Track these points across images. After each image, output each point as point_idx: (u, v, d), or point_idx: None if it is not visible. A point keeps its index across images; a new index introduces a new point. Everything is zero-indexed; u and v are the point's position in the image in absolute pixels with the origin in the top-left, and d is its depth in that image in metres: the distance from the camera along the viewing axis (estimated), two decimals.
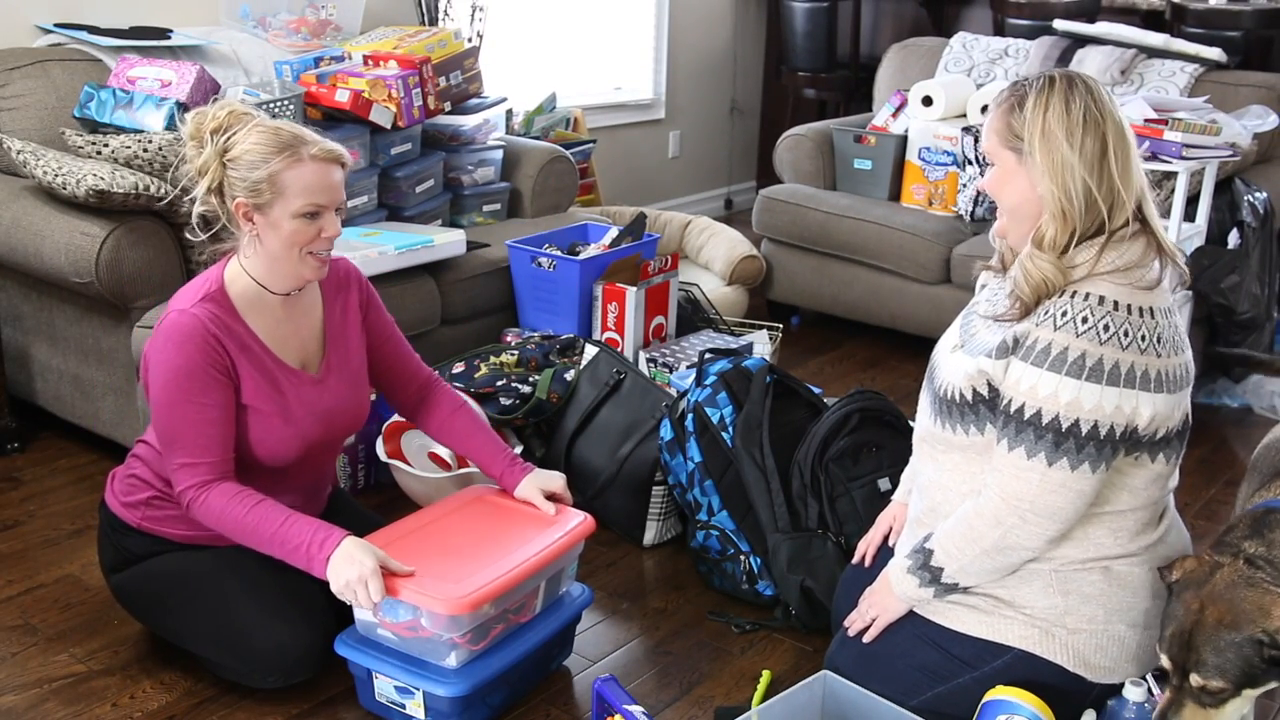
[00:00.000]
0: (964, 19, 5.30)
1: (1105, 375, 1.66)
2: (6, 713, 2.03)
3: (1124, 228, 1.72)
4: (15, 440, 3.00)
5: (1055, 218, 1.71)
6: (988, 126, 1.79)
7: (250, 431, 1.99)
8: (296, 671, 2.04)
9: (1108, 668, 1.80)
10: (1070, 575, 1.79)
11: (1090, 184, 1.70)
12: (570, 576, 2.16)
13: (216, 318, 1.93)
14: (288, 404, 2.01)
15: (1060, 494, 1.71)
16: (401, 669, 1.94)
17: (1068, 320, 1.68)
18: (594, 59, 5.11)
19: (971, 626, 1.83)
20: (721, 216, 5.50)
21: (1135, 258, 1.71)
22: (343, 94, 3.14)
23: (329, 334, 2.11)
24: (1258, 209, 3.38)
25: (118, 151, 2.72)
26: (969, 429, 1.80)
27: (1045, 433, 1.69)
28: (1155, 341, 1.69)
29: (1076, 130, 1.70)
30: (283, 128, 1.93)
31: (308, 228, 1.93)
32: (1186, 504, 2.89)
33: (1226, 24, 4.31)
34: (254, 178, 1.89)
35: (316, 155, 1.92)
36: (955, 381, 1.80)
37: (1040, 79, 1.75)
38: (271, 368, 2.00)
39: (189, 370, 1.89)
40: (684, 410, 2.50)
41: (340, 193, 1.97)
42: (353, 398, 2.14)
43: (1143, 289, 1.70)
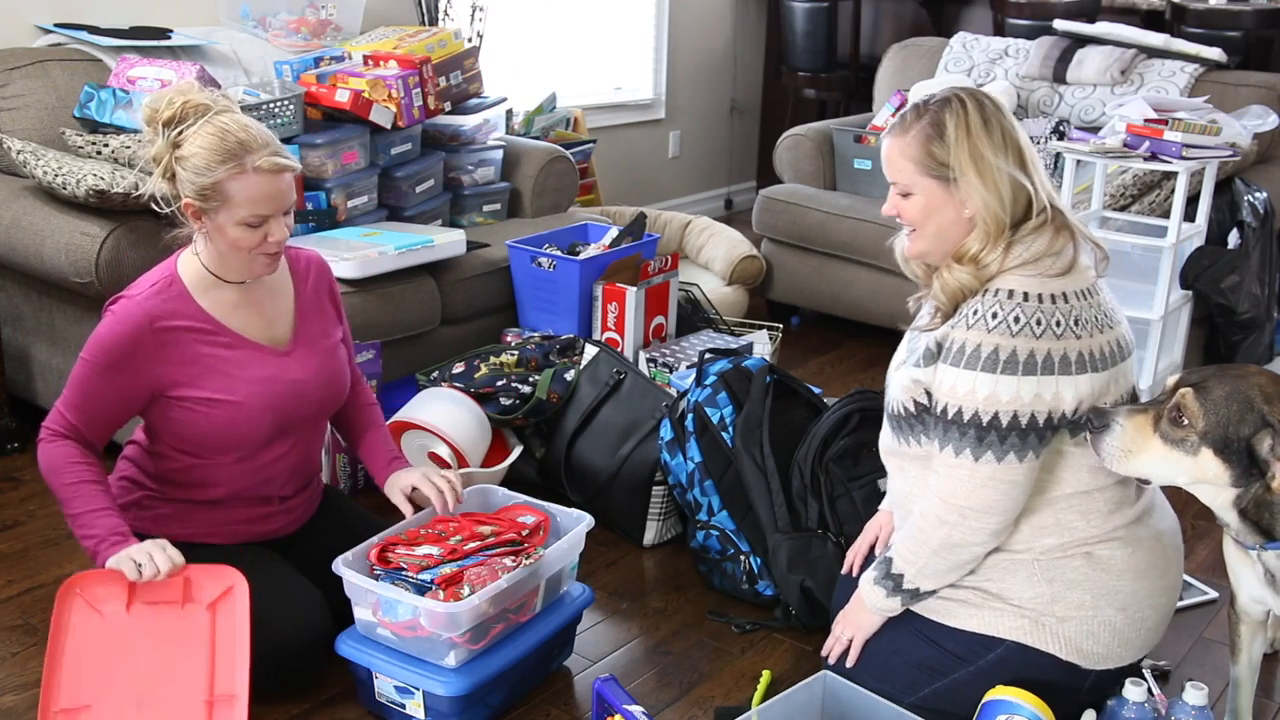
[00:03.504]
0: (964, 19, 5.30)
1: (1020, 366, 1.70)
2: (6, 713, 2.03)
3: (1028, 220, 1.76)
4: (15, 440, 3.00)
5: (988, 233, 1.75)
6: (899, 156, 1.81)
7: (212, 417, 1.98)
8: (295, 673, 2.04)
9: (1101, 654, 1.81)
10: (1052, 563, 1.81)
11: (1019, 186, 1.75)
12: (570, 576, 2.17)
13: (163, 304, 1.95)
14: (247, 378, 2.00)
15: (991, 487, 1.74)
16: (401, 668, 1.94)
17: (979, 318, 1.73)
18: (594, 59, 5.11)
19: (963, 620, 1.84)
20: (721, 216, 5.50)
21: (1042, 247, 1.75)
22: (343, 94, 3.14)
23: (299, 309, 2.12)
24: (1258, 209, 3.38)
25: (118, 151, 2.72)
26: (920, 439, 1.84)
27: (968, 429, 1.73)
28: (1073, 324, 1.72)
29: (1000, 148, 1.75)
30: (230, 130, 1.89)
31: (252, 235, 1.93)
32: (1186, 504, 2.88)
33: (1226, 24, 4.31)
34: (200, 183, 1.88)
35: (261, 167, 1.89)
36: (899, 396, 1.86)
37: (942, 103, 1.78)
38: (224, 345, 2.00)
39: (109, 348, 1.93)
40: (684, 410, 2.50)
41: (288, 198, 1.95)
42: (325, 370, 2.13)
43: (1054, 276, 1.74)
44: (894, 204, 1.86)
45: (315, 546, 2.14)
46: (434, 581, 1.91)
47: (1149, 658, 2.24)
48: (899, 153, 1.81)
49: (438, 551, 1.98)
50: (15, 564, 2.50)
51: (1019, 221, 1.77)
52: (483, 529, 2.07)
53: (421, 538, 2.04)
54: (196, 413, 1.98)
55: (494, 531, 2.07)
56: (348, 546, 2.03)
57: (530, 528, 2.11)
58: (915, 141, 1.78)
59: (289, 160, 1.94)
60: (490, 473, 2.70)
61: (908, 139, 1.79)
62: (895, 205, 1.85)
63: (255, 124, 1.94)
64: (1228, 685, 2.21)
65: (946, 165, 1.76)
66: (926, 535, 1.81)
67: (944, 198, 1.78)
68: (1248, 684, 1.97)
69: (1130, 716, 1.79)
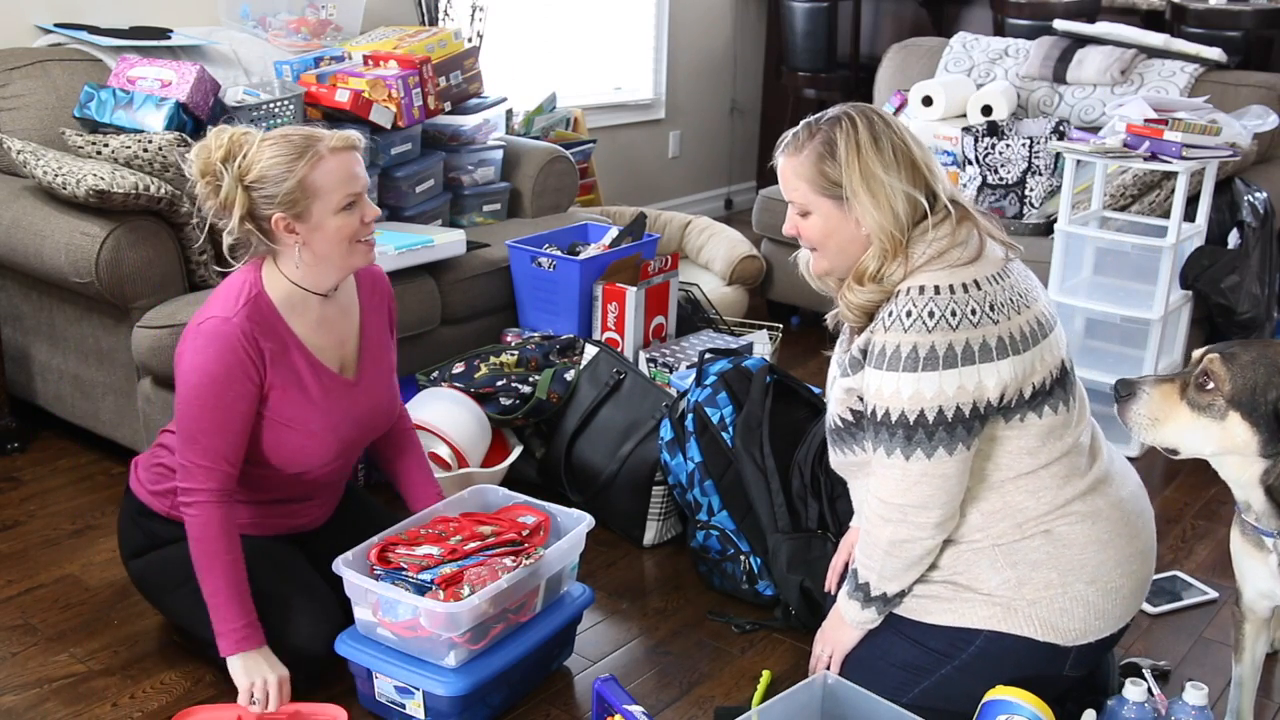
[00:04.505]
0: (964, 19, 5.30)
1: (940, 361, 1.70)
2: (6, 713, 2.03)
3: (925, 220, 1.77)
4: (15, 440, 3.00)
5: (884, 250, 1.76)
6: (794, 175, 1.81)
7: (289, 444, 2.01)
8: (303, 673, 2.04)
9: (1078, 629, 1.81)
10: (1012, 547, 1.81)
11: (914, 201, 1.76)
12: (571, 576, 2.17)
13: (256, 323, 1.94)
14: (325, 409, 2.03)
15: (925, 483, 1.75)
16: (401, 668, 1.94)
17: (894, 319, 1.74)
18: (594, 59, 5.11)
19: (938, 616, 1.85)
20: (721, 216, 5.50)
21: (945, 242, 1.76)
22: (343, 94, 3.14)
23: (365, 333, 2.14)
24: (1258, 209, 3.38)
25: (118, 151, 2.72)
26: (856, 449, 1.87)
27: (896, 429, 1.74)
28: (988, 310, 1.72)
29: (892, 163, 1.76)
30: (289, 135, 1.92)
31: (351, 218, 1.94)
32: (1186, 504, 2.89)
33: (1226, 24, 4.31)
34: (284, 189, 1.88)
35: (335, 148, 1.92)
36: (835, 410, 1.88)
37: (833, 122, 1.79)
38: (309, 371, 2.01)
39: (220, 377, 1.90)
40: (684, 410, 2.50)
41: (365, 177, 1.98)
42: (386, 398, 2.17)
43: (962, 265, 1.75)
44: (793, 223, 1.86)
45: (334, 540, 2.15)
46: (434, 581, 1.91)
47: (1149, 657, 2.24)
48: (793, 172, 1.82)
49: (438, 551, 1.98)
50: (15, 564, 2.50)
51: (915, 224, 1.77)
52: (483, 529, 2.07)
53: (422, 538, 2.04)
54: (270, 432, 2.00)
55: (494, 531, 2.07)
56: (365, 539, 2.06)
57: (530, 528, 2.11)
58: (808, 161, 1.79)
59: (355, 135, 1.97)
60: (490, 473, 2.70)
61: (801, 159, 1.80)
62: (795, 225, 1.86)
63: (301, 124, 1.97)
64: (1228, 685, 2.21)
65: (839, 184, 1.76)
66: (875, 537, 1.83)
67: (840, 216, 1.79)
68: (1250, 684, 1.96)
69: (1130, 716, 1.79)
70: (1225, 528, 2.21)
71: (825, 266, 1.87)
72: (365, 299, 2.15)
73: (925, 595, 1.87)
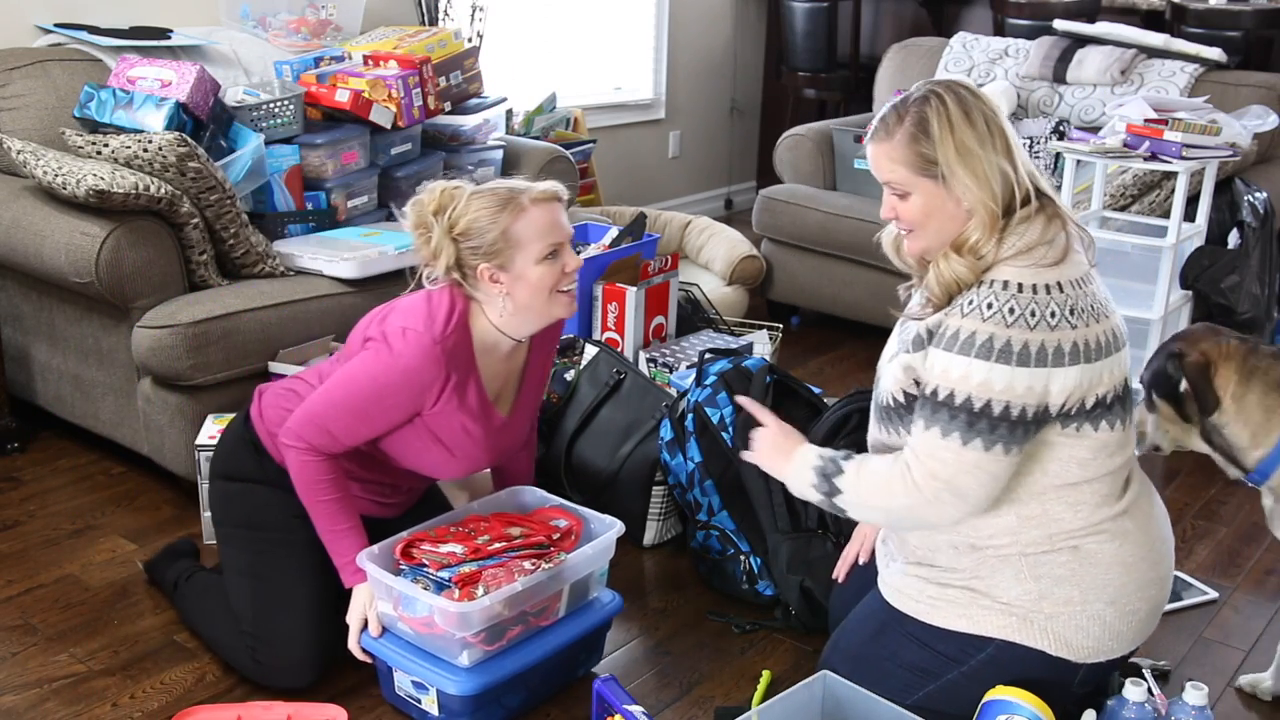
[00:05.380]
0: (964, 19, 5.30)
1: (1014, 356, 1.69)
2: (6, 713, 2.03)
3: (1018, 211, 1.75)
4: (15, 440, 3.00)
5: (985, 225, 1.74)
6: (887, 159, 1.79)
7: (428, 456, 2.06)
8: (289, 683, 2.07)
9: (1091, 647, 1.80)
10: (1039, 559, 1.80)
11: (1007, 177, 1.74)
12: (600, 583, 2.15)
13: (456, 353, 1.98)
14: (475, 440, 2.07)
15: (973, 475, 1.73)
16: (418, 664, 1.96)
17: (974, 307, 1.72)
18: (594, 59, 5.11)
19: (952, 621, 1.84)
20: (721, 216, 5.50)
21: (1035, 237, 1.74)
22: (343, 94, 3.14)
23: (528, 371, 2.18)
24: (1258, 209, 3.38)
25: (118, 151, 2.72)
26: (909, 430, 1.82)
27: (959, 413, 1.71)
28: (1068, 314, 1.71)
29: (985, 138, 1.74)
30: (495, 189, 1.97)
31: (553, 269, 1.98)
32: (1186, 504, 2.89)
33: (1226, 24, 4.31)
34: (489, 240, 1.94)
35: (537, 199, 1.96)
36: (889, 388, 1.85)
37: (922, 101, 1.77)
38: (479, 407, 2.05)
39: (391, 388, 1.95)
40: (684, 410, 2.50)
41: (569, 226, 2.01)
42: (521, 437, 2.23)
43: (1047, 265, 1.73)
44: (891, 206, 1.84)
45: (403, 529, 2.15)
46: (452, 580, 1.91)
47: (1149, 657, 2.24)
48: (887, 157, 1.80)
49: (461, 550, 1.98)
50: (15, 564, 2.50)
51: (1009, 210, 1.76)
52: (512, 530, 2.07)
53: (450, 535, 2.04)
54: (416, 438, 2.04)
55: (523, 533, 2.06)
56: None
57: (562, 531, 2.11)
58: (901, 144, 1.77)
59: (558, 187, 2.00)
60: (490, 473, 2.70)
61: (894, 143, 1.78)
62: (893, 207, 1.84)
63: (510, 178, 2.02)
64: (1228, 685, 2.22)
65: (936, 163, 1.75)
66: (893, 494, 1.79)
67: (940, 195, 1.77)
68: None
69: (1130, 716, 1.79)
70: (1225, 528, 2.22)
71: (922, 246, 1.83)
72: (536, 338, 2.17)
73: (940, 598, 1.85)
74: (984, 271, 1.74)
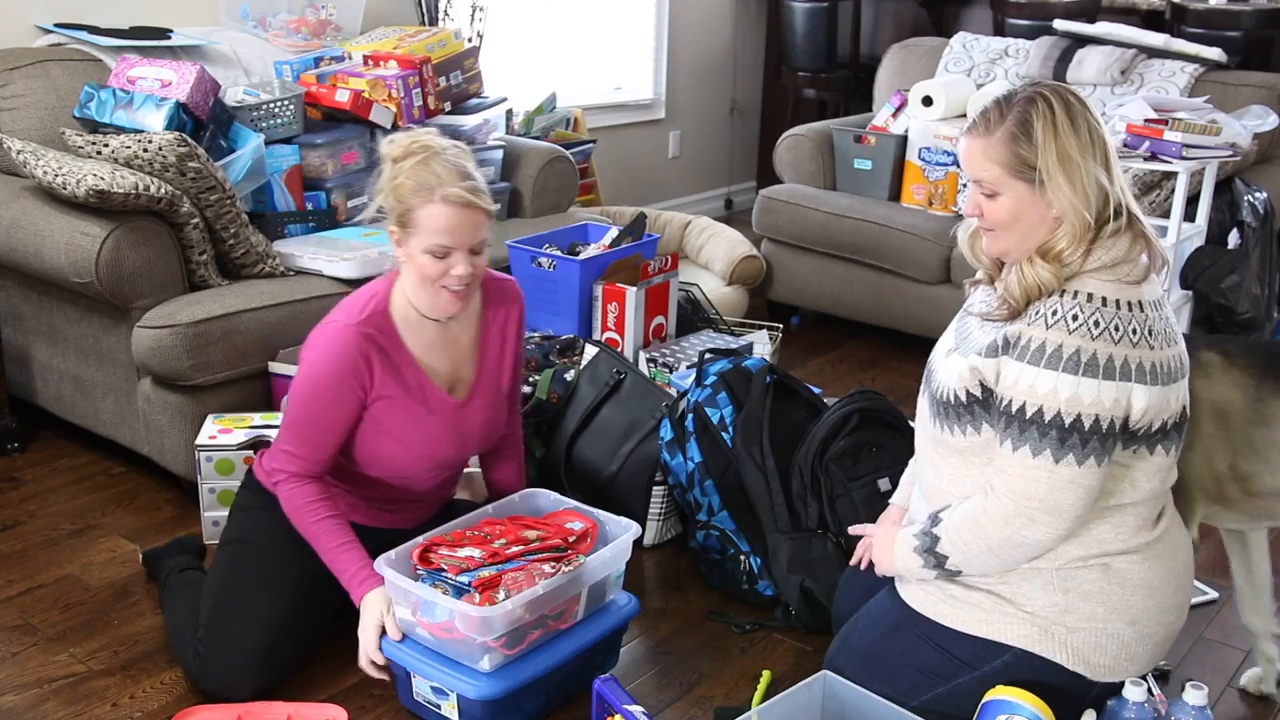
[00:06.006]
0: (964, 19, 5.30)
1: (1100, 369, 1.67)
2: (6, 713, 2.03)
3: (1109, 224, 1.73)
4: (15, 440, 3.00)
5: (1075, 234, 1.71)
6: (983, 158, 1.75)
7: (383, 452, 2.09)
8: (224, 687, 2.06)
9: (1108, 666, 1.80)
10: (1071, 573, 1.79)
11: (1104, 190, 1.71)
12: (616, 585, 2.14)
13: (374, 337, 2.03)
14: (425, 426, 2.09)
15: (1069, 490, 1.71)
16: (437, 669, 1.94)
17: (1059, 318, 1.69)
18: (594, 59, 5.11)
19: (972, 625, 1.83)
20: (721, 216, 5.50)
21: (1122, 253, 1.72)
22: (343, 94, 3.14)
23: (482, 353, 2.18)
24: (1258, 209, 3.38)
25: (118, 151, 2.72)
26: (966, 430, 1.80)
27: (1049, 430, 1.69)
28: (1147, 334, 1.70)
29: (1088, 148, 1.71)
30: (434, 166, 1.98)
31: (436, 265, 1.99)
32: None
33: (1226, 24, 4.31)
34: (398, 209, 1.99)
35: (448, 197, 1.97)
36: (950, 384, 1.81)
37: (1028, 102, 1.73)
38: (417, 388, 2.08)
39: (329, 381, 2.02)
40: (684, 410, 2.50)
41: (474, 235, 2.00)
42: (492, 418, 2.22)
43: (1130, 283, 1.72)
44: (976, 204, 1.79)
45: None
46: (471, 584, 1.90)
47: None
48: (982, 154, 1.75)
49: (479, 554, 1.97)
50: (15, 564, 2.50)
51: (1100, 222, 1.73)
52: (528, 533, 2.06)
53: (467, 540, 2.03)
54: (370, 435, 2.08)
55: (540, 537, 2.06)
56: None
57: (578, 534, 2.10)
58: (1000, 143, 1.73)
59: (478, 199, 1.99)
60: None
61: (992, 140, 1.74)
62: (978, 205, 1.79)
63: (465, 167, 2.01)
64: (1228, 685, 2.22)
65: (1034, 168, 1.71)
66: (986, 532, 1.77)
67: (1032, 199, 1.73)
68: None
69: (1130, 716, 1.79)
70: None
71: (1003, 247, 1.79)
72: (490, 315, 2.19)
73: (963, 600, 1.84)
74: (1067, 280, 1.72)
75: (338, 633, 2.20)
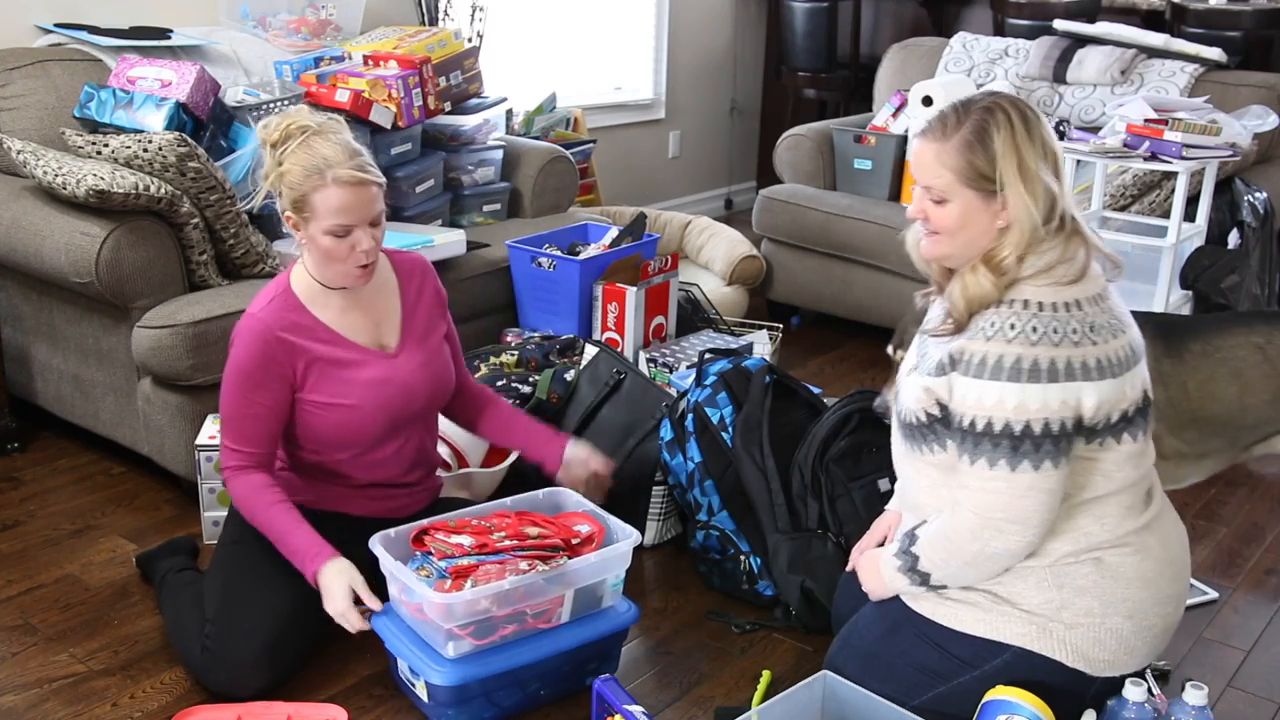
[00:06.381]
0: (964, 19, 5.30)
1: (1044, 374, 1.68)
2: (6, 713, 2.03)
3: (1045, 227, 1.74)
4: (15, 440, 3.00)
5: (1024, 241, 1.73)
6: (936, 163, 1.76)
7: (331, 419, 2.12)
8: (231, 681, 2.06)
9: (1107, 661, 1.80)
10: (1064, 569, 1.80)
11: (1054, 200, 1.74)
12: (613, 593, 2.13)
13: (282, 316, 2.08)
14: (360, 382, 2.13)
15: (1030, 497, 1.72)
16: (410, 650, 1.98)
17: (997, 329, 1.71)
18: (594, 59, 5.11)
19: (970, 625, 1.83)
20: (721, 216, 5.50)
21: (1056, 256, 1.74)
22: (343, 94, 3.14)
23: (405, 311, 2.23)
24: (1258, 209, 3.38)
25: (118, 151, 2.72)
26: (933, 448, 1.83)
27: (1000, 440, 1.71)
28: (1089, 331, 1.71)
29: (1042, 159, 1.73)
30: (318, 147, 2.00)
31: (340, 244, 2.04)
32: (1186, 504, 2.89)
33: (1226, 24, 4.31)
34: (292, 196, 2.02)
35: (340, 178, 2.00)
36: (911, 406, 1.84)
37: (986, 112, 1.74)
38: (340, 350, 2.13)
39: (247, 369, 2.07)
40: (684, 410, 2.50)
41: (370, 209, 2.05)
42: (431, 368, 2.24)
43: (1067, 284, 1.73)
44: (922, 208, 1.80)
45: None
46: (448, 571, 1.95)
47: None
48: (935, 158, 1.76)
49: (470, 543, 2.00)
50: (15, 564, 2.50)
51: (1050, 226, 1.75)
52: (530, 530, 2.07)
53: (468, 528, 2.06)
54: (317, 416, 2.12)
55: (541, 534, 2.06)
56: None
57: (582, 537, 2.11)
58: (955, 149, 1.74)
59: (369, 174, 2.03)
60: (490, 473, 2.70)
61: (947, 146, 1.75)
62: (924, 209, 1.80)
63: (346, 142, 2.04)
64: (1228, 685, 2.22)
65: (989, 178, 1.73)
66: (959, 547, 1.79)
67: (980, 208, 1.74)
68: None
69: (1130, 716, 1.79)
70: (1225, 528, 2.22)
71: (945, 252, 1.81)
72: (405, 282, 2.25)
73: (962, 601, 1.85)
74: (1005, 289, 1.74)
75: (338, 633, 2.20)
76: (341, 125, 2.08)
